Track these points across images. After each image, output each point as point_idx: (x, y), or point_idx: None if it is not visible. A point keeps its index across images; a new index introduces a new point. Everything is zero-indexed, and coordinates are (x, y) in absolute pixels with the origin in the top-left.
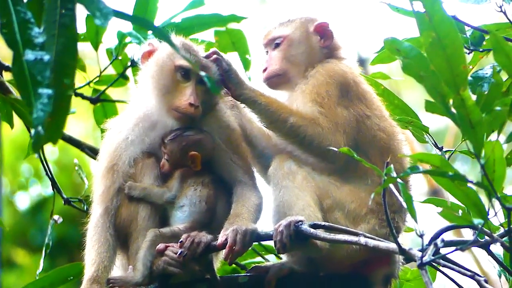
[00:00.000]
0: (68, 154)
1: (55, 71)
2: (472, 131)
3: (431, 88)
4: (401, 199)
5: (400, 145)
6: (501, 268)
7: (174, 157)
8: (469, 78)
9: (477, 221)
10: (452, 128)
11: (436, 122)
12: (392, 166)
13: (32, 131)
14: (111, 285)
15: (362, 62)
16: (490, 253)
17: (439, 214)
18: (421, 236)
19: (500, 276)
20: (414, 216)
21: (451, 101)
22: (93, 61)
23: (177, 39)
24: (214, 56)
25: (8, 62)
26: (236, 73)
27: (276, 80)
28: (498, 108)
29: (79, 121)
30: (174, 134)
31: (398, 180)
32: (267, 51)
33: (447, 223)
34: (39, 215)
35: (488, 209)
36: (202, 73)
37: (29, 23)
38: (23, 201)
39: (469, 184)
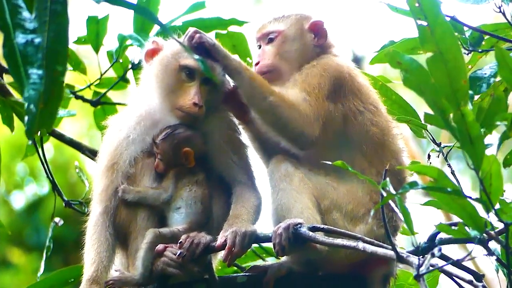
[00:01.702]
0: (64, 154)
1: (47, 58)
2: (471, 146)
3: (431, 102)
4: (397, 210)
5: (395, 140)
6: (499, 264)
7: (167, 156)
8: (467, 78)
9: (474, 233)
10: None
11: None
12: (388, 179)
13: (26, 117)
14: (110, 285)
15: (357, 60)
16: (489, 251)
17: (436, 227)
18: (417, 248)
19: (497, 271)
20: (411, 228)
21: (451, 115)
22: (94, 63)
23: (182, 38)
24: (197, 35)
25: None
26: (221, 47)
27: (267, 76)
28: (498, 123)
29: (74, 120)
30: (165, 133)
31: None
32: (259, 45)
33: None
34: (35, 214)
35: (486, 223)
36: (196, 56)
37: (19, 7)
38: (19, 200)
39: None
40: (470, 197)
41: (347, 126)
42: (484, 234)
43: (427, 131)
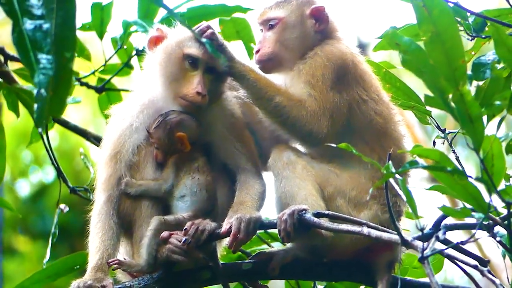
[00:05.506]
0: (69, 141)
1: (55, 45)
2: (471, 126)
3: (430, 83)
4: (401, 192)
5: (396, 127)
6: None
7: (163, 143)
8: (471, 64)
9: (477, 215)
10: None
11: None
12: (391, 162)
13: (35, 104)
14: (116, 266)
15: (362, 47)
16: (494, 236)
17: (439, 209)
18: (421, 230)
19: (504, 257)
20: (414, 210)
21: (450, 96)
22: (98, 50)
23: (188, 27)
24: (210, 30)
25: (13, 52)
26: (228, 48)
27: (268, 64)
28: (498, 102)
29: (80, 107)
30: (157, 121)
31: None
32: (261, 29)
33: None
34: (40, 201)
35: (489, 205)
36: (204, 40)
37: None
38: (24, 188)
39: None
40: (471, 176)
41: (351, 116)
42: (490, 221)
43: (432, 117)
